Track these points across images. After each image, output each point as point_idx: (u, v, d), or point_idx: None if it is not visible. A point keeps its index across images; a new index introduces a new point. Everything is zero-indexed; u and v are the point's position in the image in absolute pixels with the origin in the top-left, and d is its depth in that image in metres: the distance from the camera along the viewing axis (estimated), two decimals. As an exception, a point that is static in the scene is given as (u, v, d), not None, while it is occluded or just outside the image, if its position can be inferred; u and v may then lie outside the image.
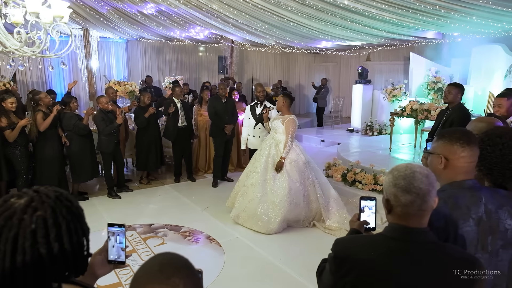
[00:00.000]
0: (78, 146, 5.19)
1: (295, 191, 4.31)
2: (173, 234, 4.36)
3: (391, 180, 1.19)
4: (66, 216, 0.88)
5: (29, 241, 0.82)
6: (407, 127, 8.33)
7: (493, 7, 5.28)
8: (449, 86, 4.22)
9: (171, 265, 0.82)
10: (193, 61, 12.76)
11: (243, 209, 4.47)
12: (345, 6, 6.16)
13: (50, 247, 0.84)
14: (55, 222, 0.86)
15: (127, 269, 3.60)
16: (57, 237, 0.85)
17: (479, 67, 8.16)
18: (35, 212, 0.85)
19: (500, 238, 1.39)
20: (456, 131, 1.44)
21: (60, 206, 0.89)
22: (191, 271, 0.83)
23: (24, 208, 0.85)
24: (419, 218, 1.17)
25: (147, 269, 0.81)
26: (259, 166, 4.45)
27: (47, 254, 0.83)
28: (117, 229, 1.23)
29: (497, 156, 1.50)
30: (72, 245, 0.88)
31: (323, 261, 1.41)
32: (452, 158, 1.40)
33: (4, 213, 0.84)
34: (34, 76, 9.78)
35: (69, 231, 0.88)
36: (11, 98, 4.69)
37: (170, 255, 0.85)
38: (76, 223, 0.91)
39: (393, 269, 1.14)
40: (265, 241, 4.16)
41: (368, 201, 1.50)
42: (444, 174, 1.42)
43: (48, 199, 0.88)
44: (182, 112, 6.10)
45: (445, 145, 1.41)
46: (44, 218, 0.85)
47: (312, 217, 4.46)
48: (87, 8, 7.31)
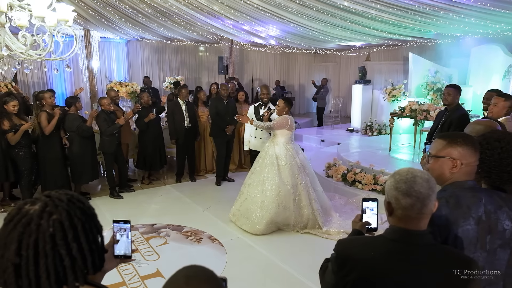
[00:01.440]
0: (79, 147, 5.22)
1: (285, 193, 4.27)
2: (175, 234, 4.41)
3: (393, 183, 1.23)
4: (80, 217, 0.93)
5: (49, 244, 0.86)
6: (407, 127, 8.38)
7: (491, 9, 5.33)
8: (447, 88, 4.26)
9: (196, 277, 0.84)
10: (194, 61, 12.79)
11: (238, 208, 4.56)
12: (345, 8, 6.21)
13: (69, 248, 0.89)
14: (71, 223, 0.90)
15: (130, 268, 3.65)
16: (74, 238, 0.90)
17: (478, 67, 8.21)
18: (51, 216, 0.89)
19: (499, 238, 1.44)
20: (458, 135, 1.49)
21: (74, 208, 0.93)
22: (216, 281, 0.85)
23: (40, 213, 0.89)
24: (418, 221, 1.21)
25: (173, 282, 0.83)
26: (257, 167, 4.51)
27: (67, 255, 0.88)
28: (123, 225, 1.29)
29: (496, 160, 1.55)
30: (89, 244, 0.93)
31: (326, 260, 1.45)
32: (466, 163, 1.45)
33: (22, 220, 0.88)
34: (35, 77, 9.82)
35: (84, 231, 0.93)
36: (13, 101, 4.74)
37: (195, 267, 0.87)
38: (90, 222, 0.96)
39: (393, 270, 1.19)
40: (266, 241, 4.21)
41: (370, 203, 1.55)
42: (447, 176, 1.46)
43: (61, 203, 0.92)
44: (186, 114, 6.15)
45: (463, 149, 1.44)
46: (61, 221, 0.89)
47: (303, 223, 4.35)
48: (88, 9, 7.35)
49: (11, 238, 0.86)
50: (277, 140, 4.47)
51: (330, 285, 1.34)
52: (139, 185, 6.25)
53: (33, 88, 9.70)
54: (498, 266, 1.46)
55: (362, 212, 1.56)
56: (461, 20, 6.28)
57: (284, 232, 4.38)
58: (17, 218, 0.89)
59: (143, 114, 5.83)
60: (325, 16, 6.90)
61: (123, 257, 1.28)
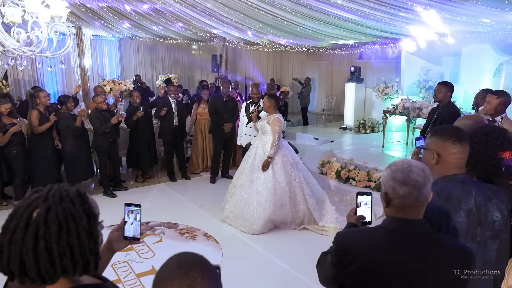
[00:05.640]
0: (73, 146, 5.19)
1: (281, 192, 4.30)
2: (170, 232, 4.41)
3: (389, 174, 1.26)
4: (59, 217, 0.90)
5: (19, 234, 0.89)
6: (399, 125, 8.46)
7: (482, 7, 5.40)
8: (438, 85, 4.31)
9: (187, 261, 0.88)
10: (186, 59, 12.75)
11: (232, 209, 4.52)
12: (339, 5, 6.24)
13: (36, 243, 0.88)
14: (45, 220, 0.89)
15: (126, 266, 3.65)
16: (44, 235, 0.88)
17: (469, 65, 8.30)
18: (35, 209, 0.91)
19: (489, 229, 1.48)
20: (448, 128, 1.52)
21: (58, 206, 0.91)
22: (208, 265, 0.89)
23: (30, 203, 0.92)
24: (416, 209, 1.24)
25: (166, 268, 0.87)
26: (247, 167, 4.50)
27: (32, 250, 0.88)
28: (134, 208, 1.34)
29: (481, 154, 1.59)
30: (60, 245, 0.90)
31: (323, 254, 1.47)
32: (444, 154, 1.48)
33: (20, 204, 0.94)
34: (26, 74, 9.71)
35: (59, 230, 0.90)
36: (7, 104, 4.72)
37: (185, 253, 0.91)
38: (71, 224, 0.92)
39: (393, 259, 1.21)
40: (261, 237, 4.23)
41: (365, 196, 1.57)
42: (436, 169, 1.50)
43: (52, 198, 0.92)
44: (176, 112, 6.13)
45: (438, 141, 1.49)
46: (39, 215, 0.90)
47: (299, 219, 4.39)
48: (81, 7, 7.29)
49: (6, 222, 0.92)
50: (266, 139, 4.47)
51: (329, 277, 1.35)
52: (133, 183, 6.23)
53: (25, 86, 9.60)
54: (489, 257, 1.50)
55: (356, 206, 1.58)
56: (453, 18, 6.34)
57: (279, 229, 4.41)
58: (23, 200, 0.95)
59: (133, 112, 5.81)
60: (318, 14, 6.92)
61: (132, 239, 1.33)
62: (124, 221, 1.34)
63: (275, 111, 4.50)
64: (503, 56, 7.72)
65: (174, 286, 0.82)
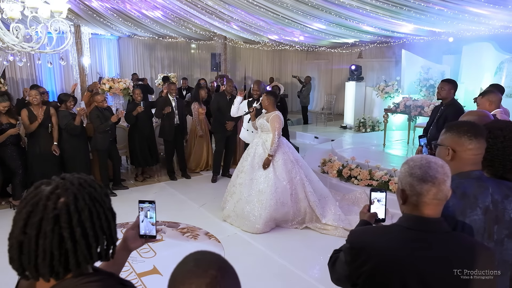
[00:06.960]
0: (71, 145, 5.14)
1: (282, 190, 4.24)
2: (171, 231, 4.36)
3: (407, 170, 1.21)
4: (88, 202, 0.91)
5: (50, 225, 0.86)
6: (400, 124, 8.43)
7: (485, 5, 5.37)
8: (442, 82, 4.27)
9: (205, 259, 0.85)
10: (186, 58, 12.70)
11: (232, 209, 4.47)
12: (340, 3, 6.20)
13: (72, 231, 0.87)
14: (76, 207, 0.89)
15: (127, 266, 3.59)
16: (79, 222, 0.88)
17: (470, 64, 8.29)
18: (59, 199, 0.88)
19: (506, 228, 1.44)
20: (464, 123, 1.48)
21: (83, 192, 0.91)
22: (226, 263, 0.86)
23: (48, 194, 0.89)
24: (434, 207, 1.20)
25: (183, 266, 0.84)
26: (246, 165, 4.44)
27: (69, 239, 0.87)
28: (148, 205, 1.30)
29: (499, 148, 1.55)
30: (94, 230, 0.91)
31: (335, 251, 1.43)
32: (460, 150, 1.43)
33: (33, 199, 0.89)
34: (24, 73, 9.64)
35: (91, 216, 0.91)
36: (5, 102, 4.65)
37: (202, 251, 0.88)
38: (99, 208, 0.93)
39: (409, 258, 1.17)
40: (264, 236, 4.19)
41: (378, 193, 1.53)
42: (451, 165, 1.45)
43: (72, 186, 0.91)
44: (176, 111, 6.08)
45: (453, 137, 1.44)
46: (67, 204, 0.88)
47: (301, 216, 4.33)
48: (80, 4, 7.22)
49: (20, 216, 0.88)
50: (266, 137, 4.42)
51: (342, 276, 1.31)
52: (133, 182, 6.17)
53: (22, 85, 9.52)
54: (506, 256, 1.45)
55: (370, 203, 1.54)
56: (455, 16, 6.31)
57: (281, 228, 4.36)
58: (30, 196, 0.90)
59: (133, 108, 5.76)
60: (320, 12, 6.88)
61: (148, 237, 1.29)
62: (139, 219, 1.29)
63: (274, 109, 4.44)
64: (504, 54, 7.71)
65: (193, 285, 0.78)
